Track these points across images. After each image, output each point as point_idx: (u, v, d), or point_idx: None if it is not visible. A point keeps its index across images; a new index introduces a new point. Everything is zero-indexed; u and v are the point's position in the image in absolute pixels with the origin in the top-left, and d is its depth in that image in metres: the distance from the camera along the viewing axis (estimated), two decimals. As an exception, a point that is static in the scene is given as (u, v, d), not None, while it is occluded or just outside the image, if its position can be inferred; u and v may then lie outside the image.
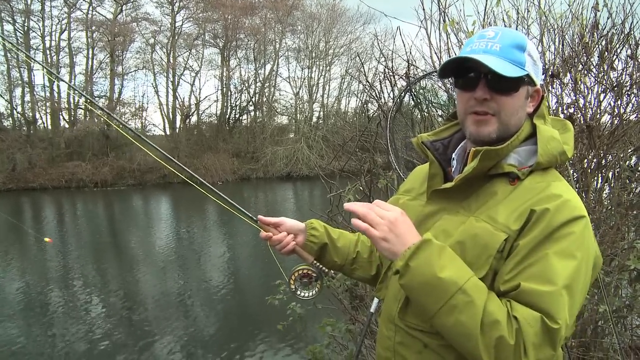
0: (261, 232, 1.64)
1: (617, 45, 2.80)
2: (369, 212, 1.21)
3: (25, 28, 30.95)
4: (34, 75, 31.23)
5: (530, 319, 1.06)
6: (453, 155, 1.38)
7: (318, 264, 1.64)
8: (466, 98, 1.26)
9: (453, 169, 1.36)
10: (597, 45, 2.85)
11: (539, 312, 1.07)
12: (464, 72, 1.26)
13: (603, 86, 2.76)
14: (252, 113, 36.66)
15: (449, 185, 1.29)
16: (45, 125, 32.44)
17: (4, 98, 31.20)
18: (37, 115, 32.04)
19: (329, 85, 37.21)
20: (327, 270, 1.65)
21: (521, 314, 1.07)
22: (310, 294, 1.66)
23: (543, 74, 2.77)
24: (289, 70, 46.75)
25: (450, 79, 1.36)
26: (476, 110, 1.25)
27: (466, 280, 1.11)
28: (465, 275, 1.13)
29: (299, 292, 1.66)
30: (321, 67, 36.50)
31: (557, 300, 1.08)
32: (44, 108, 31.66)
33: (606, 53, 2.78)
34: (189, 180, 1.79)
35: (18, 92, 31.30)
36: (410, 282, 1.15)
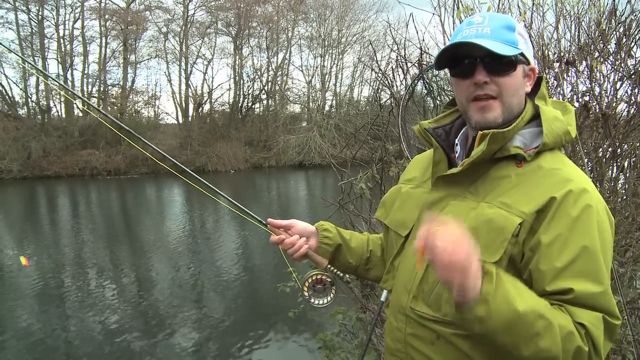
0: (272, 236, 1.58)
1: (636, 32, 2.74)
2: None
3: (40, 17, 31.19)
4: (47, 64, 31.53)
5: (595, 321, 1.08)
6: (456, 141, 1.36)
7: (333, 268, 1.60)
8: (465, 85, 1.25)
9: (457, 155, 1.35)
10: (614, 32, 2.80)
11: (599, 312, 1.09)
12: (458, 60, 1.25)
13: (620, 74, 2.71)
14: (265, 102, 36.73)
15: (455, 170, 1.26)
16: (60, 113, 32.83)
17: (19, 87, 31.60)
18: (52, 104, 32.38)
19: (342, 74, 37.26)
20: (341, 274, 1.61)
21: (586, 319, 1.07)
22: (325, 300, 1.63)
23: (558, 62, 2.73)
24: (301, 58, 46.84)
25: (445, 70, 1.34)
26: (477, 94, 1.23)
27: (539, 303, 1.07)
28: (535, 296, 1.08)
29: (312, 300, 1.62)
30: (334, 56, 36.40)
31: (609, 296, 1.10)
32: (58, 97, 31.97)
33: (624, 40, 2.73)
34: (195, 184, 1.75)
35: (33, 80, 31.61)
36: (492, 326, 1.04)
